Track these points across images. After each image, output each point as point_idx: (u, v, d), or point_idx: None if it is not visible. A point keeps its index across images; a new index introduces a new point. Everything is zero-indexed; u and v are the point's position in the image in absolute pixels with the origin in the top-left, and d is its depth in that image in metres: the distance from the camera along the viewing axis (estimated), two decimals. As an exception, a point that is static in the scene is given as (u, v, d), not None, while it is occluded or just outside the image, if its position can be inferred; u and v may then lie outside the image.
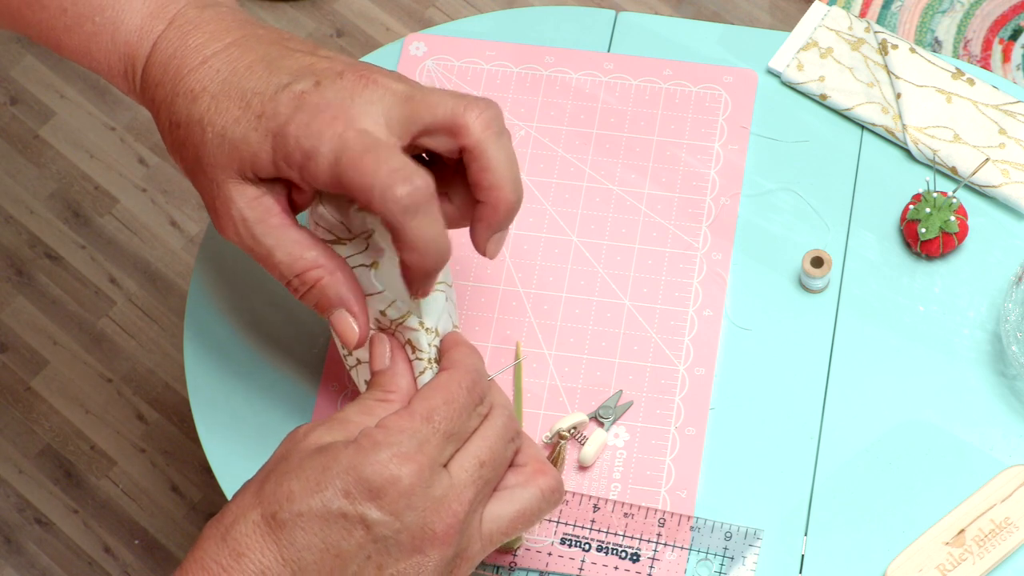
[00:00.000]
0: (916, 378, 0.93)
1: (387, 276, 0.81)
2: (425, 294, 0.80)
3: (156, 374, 1.61)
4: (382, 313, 0.81)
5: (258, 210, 0.78)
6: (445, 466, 0.76)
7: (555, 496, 0.80)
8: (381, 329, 0.82)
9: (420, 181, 0.75)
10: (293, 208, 0.80)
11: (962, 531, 0.88)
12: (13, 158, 1.72)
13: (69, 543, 1.55)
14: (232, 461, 0.94)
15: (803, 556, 0.89)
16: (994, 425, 0.92)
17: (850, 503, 0.90)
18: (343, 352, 0.86)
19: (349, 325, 0.80)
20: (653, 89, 1.02)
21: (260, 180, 0.78)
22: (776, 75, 1.03)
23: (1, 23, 0.88)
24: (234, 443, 0.94)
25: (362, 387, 0.86)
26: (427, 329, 0.82)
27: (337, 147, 0.75)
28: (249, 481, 0.76)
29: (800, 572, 0.89)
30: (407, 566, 0.74)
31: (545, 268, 0.98)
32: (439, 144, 0.79)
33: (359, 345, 0.80)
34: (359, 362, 0.85)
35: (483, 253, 0.81)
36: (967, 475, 0.90)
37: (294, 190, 0.80)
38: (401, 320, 0.81)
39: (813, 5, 1.05)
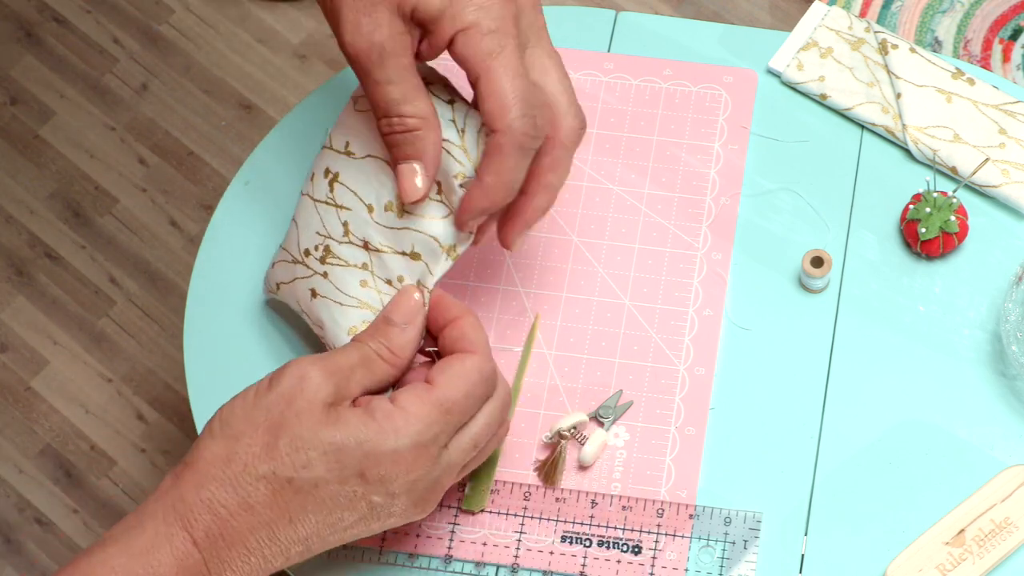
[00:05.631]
0: (916, 378, 0.93)
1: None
2: (470, 227, 0.84)
3: (156, 374, 1.61)
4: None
5: (398, 45, 0.81)
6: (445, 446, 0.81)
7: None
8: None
9: (545, 128, 0.82)
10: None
11: (962, 531, 0.88)
12: (13, 158, 1.72)
13: (69, 543, 1.55)
14: (232, 461, 0.94)
15: (803, 556, 0.89)
16: (994, 425, 0.92)
17: (850, 503, 0.90)
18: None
19: (415, 180, 0.83)
20: (653, 89, 1.02)
21: (410, 18, 0.80)
22: (776, 75, 1.03)
23: None
24: (234, 443, 0.94)
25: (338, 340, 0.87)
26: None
27: (505, 44, 0.80)
28: (246, 416, 0.79)
29: (800, 572, 0.89)
30: (391, 521, 0.81)
31: (545, 268, 0.98)
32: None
33: (415, 201, 0.83)
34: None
35: (507, 245, 0.87)
36: (967, 475, 0.90)
37: (424, 42, 0.82)
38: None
39: (813, 5, 1.05)
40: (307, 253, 0.88)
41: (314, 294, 0.88)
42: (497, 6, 0.80)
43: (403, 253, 0.85)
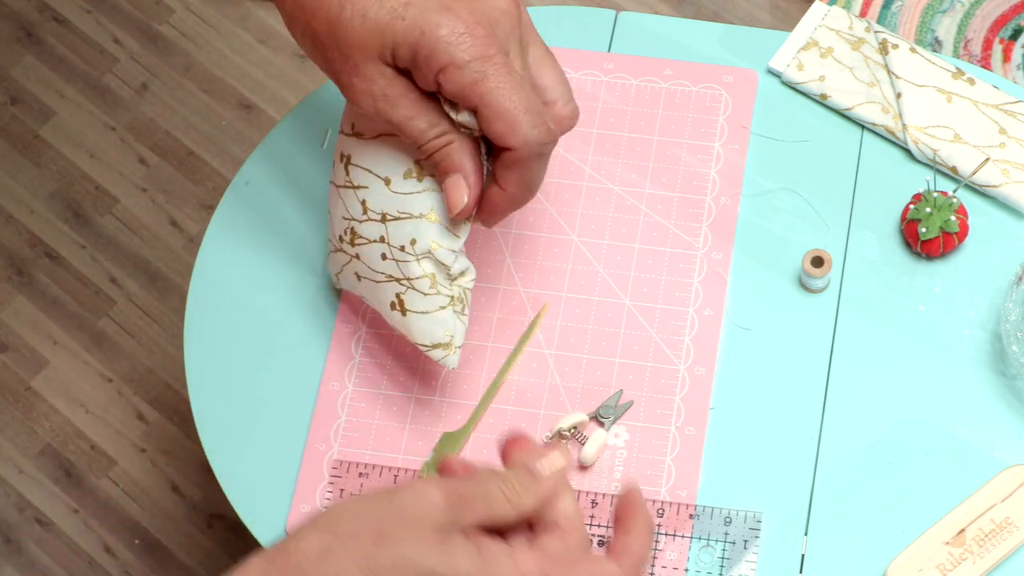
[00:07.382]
0: (916, 378, 0.93)
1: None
2: (493, 224, 0.86)
3: (156, 374, 1.61)
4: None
5: (398, 87, 0.82)
6: None
7: None
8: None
9: (554, 131, 0.82)
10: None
11: (962, 531, 0.88)
12: (13, 158, 1.72)
13: (69, 543, 1.55)
14: (232, 461, 0.94)
15: (803, 556, 0.89)
16: (994, 425, 0.92)
17: (850, 503, 0.90)
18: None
19: (461, 189, 0.83)
20: (653, 89, 1.02)
21: (394, 65, 0.81)
22: (776, 75, 1.03)
23: None
24: (234, 443, 0.94)
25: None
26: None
27: (486, 68, 0.80)
28: (356, 518, 0.73)
29: (800, 572, 0.89)
30: None
31: (545, 268, 0.98)
32: None
33: (463, 214, 0.84)
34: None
35: (489, 225, 0.87)
36: (967, 475, 0.90)
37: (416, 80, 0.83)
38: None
39: (813, 5, 1.05)
40: (340, 239, 0.91)
41: (358, 277, 0.91)
42: (467, 35, 0.79)
43: (420, 216, 0.86)
